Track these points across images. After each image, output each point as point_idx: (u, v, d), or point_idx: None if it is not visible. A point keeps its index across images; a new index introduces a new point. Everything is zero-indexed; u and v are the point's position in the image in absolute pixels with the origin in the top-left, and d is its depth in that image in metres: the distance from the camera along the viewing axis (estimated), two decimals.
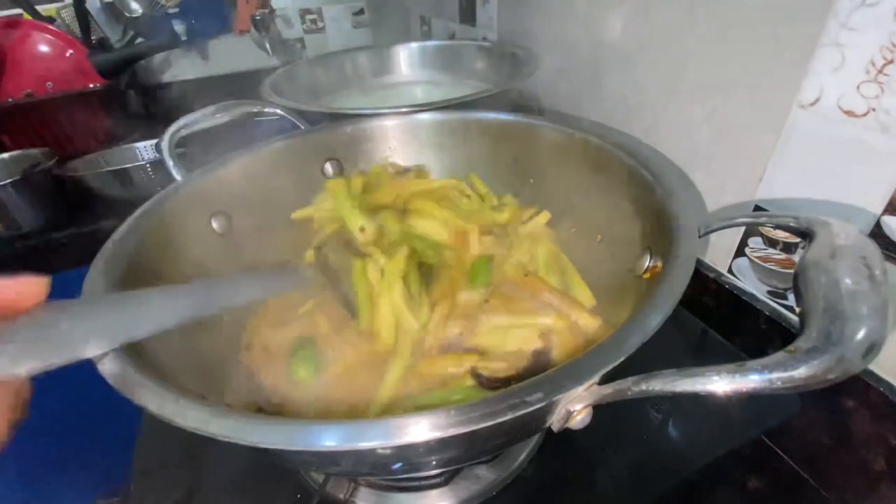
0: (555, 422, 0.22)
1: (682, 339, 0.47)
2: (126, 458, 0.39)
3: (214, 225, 0.42)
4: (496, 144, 0.49)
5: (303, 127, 0.54)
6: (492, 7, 0.78)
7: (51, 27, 0.89)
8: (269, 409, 0.33)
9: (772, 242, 0.41)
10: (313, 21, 1.26)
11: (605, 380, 0.21)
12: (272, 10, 1.14)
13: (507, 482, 0.36)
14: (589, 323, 0.36)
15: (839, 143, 0.34)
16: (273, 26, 1.15)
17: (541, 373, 0.20)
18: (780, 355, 0.18)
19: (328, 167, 0.51)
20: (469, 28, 0.87)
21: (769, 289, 0.42)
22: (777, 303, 0.42)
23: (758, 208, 0.41)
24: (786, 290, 0.41)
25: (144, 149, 0.79)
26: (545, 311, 0.37)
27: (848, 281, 0.20)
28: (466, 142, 0.51)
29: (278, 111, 0.55)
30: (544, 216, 0.46)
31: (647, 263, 0.32)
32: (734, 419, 0.40)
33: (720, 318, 0.47)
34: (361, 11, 1.30)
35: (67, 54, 0.90)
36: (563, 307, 0.37)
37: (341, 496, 0.34)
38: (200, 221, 0.41)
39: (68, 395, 0.74)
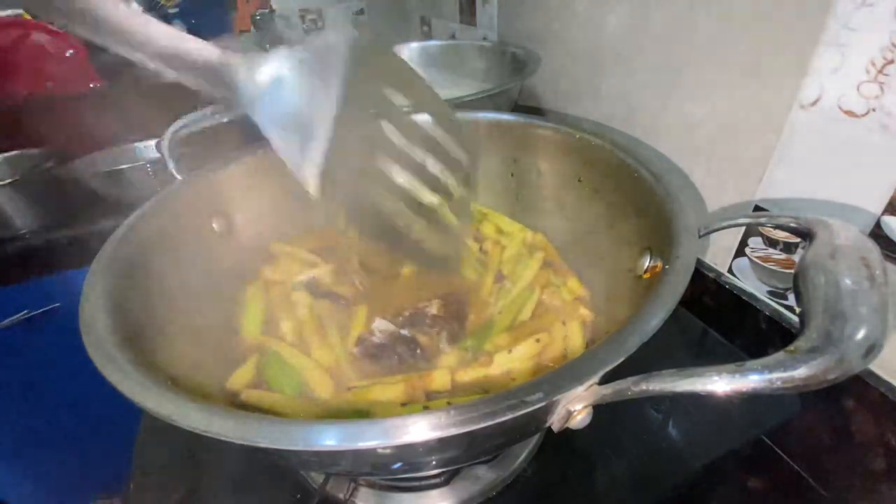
0: (555, 422, 0.22)
1: (682, 339, 0.47)
2: (126, 458, 0.39)
3: (214, 225, 0.42)
4: (496, 145, 0.49)
5: None
6: (492, 7, 0.78)
7: (51, 27, 0.89)
8: None
9: (772, 242, 0.41)
10: (313, 21, 1.26)
11: (605, 380, 0.21)
12: (272, 10, 1.14)
13: (507, 482, 0.36)
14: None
15: (839, 143, 0.34)
16: (273, 26, 1.15)
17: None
18: (780, 355, 0.18)
19: None
20: (469, 28, 0.87)
21: (769, 289, 0.42)
22: (777, 303, 0.42)
23: (758, 208, 0.41)
24: (786, 290, 0.41)
25: (144, 149, 0.79)
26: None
27: (848, 281, 0.20)
28: None
29: None
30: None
31: (647, 263, 0.32)
32: (734, 419, 0.39)
33: (720, 318, 0.47)
34: (361, 12, 1.30)
35: (67, 54, 0.89)
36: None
37: (341, 496, 0.34)
38: (200, 221, 0.41)
39: (68, 395, 0.75)
